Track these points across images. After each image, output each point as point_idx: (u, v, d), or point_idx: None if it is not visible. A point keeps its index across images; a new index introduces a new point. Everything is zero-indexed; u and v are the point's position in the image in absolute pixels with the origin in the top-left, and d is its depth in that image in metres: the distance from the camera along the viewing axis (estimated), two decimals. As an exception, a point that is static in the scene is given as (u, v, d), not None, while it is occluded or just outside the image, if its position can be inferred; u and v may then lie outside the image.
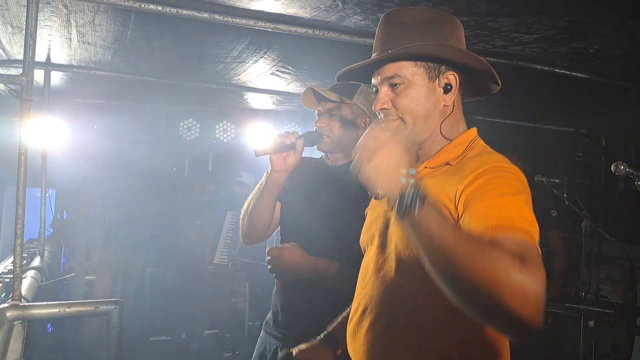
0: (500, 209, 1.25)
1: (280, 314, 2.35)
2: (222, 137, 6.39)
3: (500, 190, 1.29)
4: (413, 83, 1.48)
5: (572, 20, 2.69)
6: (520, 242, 1.17)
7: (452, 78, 1.50)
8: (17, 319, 2.47)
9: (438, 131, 1.52)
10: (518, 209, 1.26)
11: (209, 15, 2.78)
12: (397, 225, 1.49)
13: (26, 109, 2.49)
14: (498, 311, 1.09)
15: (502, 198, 1.28)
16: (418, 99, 1.48)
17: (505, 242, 1.17)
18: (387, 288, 1.50)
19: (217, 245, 5.99)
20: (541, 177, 4.34)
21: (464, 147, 1.50)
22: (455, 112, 1.53)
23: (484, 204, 1.28)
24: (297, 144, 2.17)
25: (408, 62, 1.48)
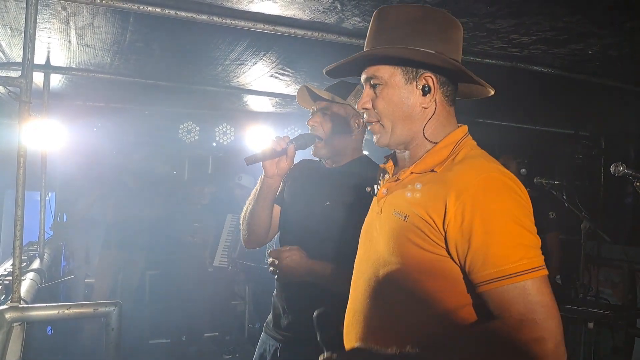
0: (498, 253, 1.29)
1: (280, 315, 2.35)
2: (221, 140, 6.40)
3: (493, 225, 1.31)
4: (390, 85, 1.48)
5: (570, 22, 2.70)
6: (525, 302, 1.27)
7: (430, 80, 1.47)
8: (16, 321, 2.47)
9: (422, 134, 1.50)
10: (515, 242, 1.30)
11: (208, 17, 2.78)
12: (382, 230, 1.52)
13: (25, 111, 2.49)
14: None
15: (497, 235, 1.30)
16: (395, 101, 1.48)
17: (512, 321, 1.27)
18: (370, 293, 1.52)
19: (217, 247, 5.99)
20: (540, 178, 4.34)
21: (449, 150, 1.47)
22: (439, 113, 1.50)
23: (480, 248, 1.31)
24: (288, 149, 2.16)
25: (385, 64, 1.49)
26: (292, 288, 2.32)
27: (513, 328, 1.26)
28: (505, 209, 1.31)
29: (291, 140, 2.19)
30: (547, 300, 1.27)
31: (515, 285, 1.27)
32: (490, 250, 1.29)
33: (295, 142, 2.20)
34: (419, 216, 1.39)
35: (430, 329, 1.39)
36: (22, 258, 2.55)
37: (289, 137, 2.21)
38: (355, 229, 1.76)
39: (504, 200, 1.33)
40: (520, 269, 1.27)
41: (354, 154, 2.35)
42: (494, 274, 1.29)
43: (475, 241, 1.31)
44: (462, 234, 1.32)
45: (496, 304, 1.30)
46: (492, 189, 1.34)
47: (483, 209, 1.31)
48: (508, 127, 5.99)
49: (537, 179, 4.35)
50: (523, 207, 1.34)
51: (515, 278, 1.27)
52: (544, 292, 1.27)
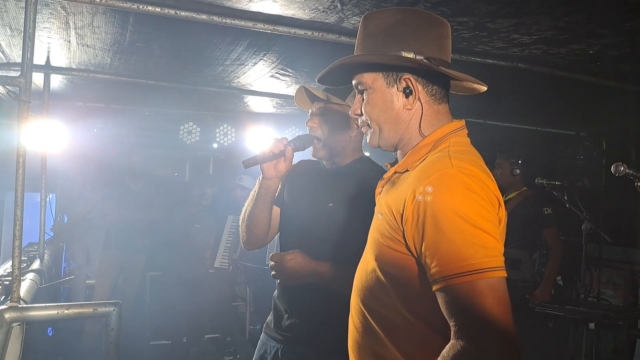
0: (445, 252, 1.26)
1: (281, 316, 2.34)
2: (222, 141, 6.40)
3: (442, 223, 1.27)
4: (374, 89, 1.51)
5: (571, 22, 2.69)
6: (465, 307, 1.23)
7: (409, 81, 1.48)
8: (16, 321, 2.47)
9: (409, 134, 1.51)
10: (464, 242, 1.25)
11: (208, 16, 2.78)
12: (370, 231, 1.54)
13: (25, 111, 2.49)
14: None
15: (445, 233, 1.26)
16: (379, 105, 1.51)
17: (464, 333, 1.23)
18: (357, 293, 1.54)
19: (218, 249, 5.99)
20: (541, 179, 4.34)
21: (428, 149, 1.47)
22: (426, 113, 1.50)
23: (431, 246, 1.28)
24: (286, 150, 2.16)
25: (365, 71, 1.52)
26: (293, 289, 2.31)
27: (455, 346, 1.23)
28: (455, 206, 1.27)
29: (289, 142, 2.18)
30: (493, 305, 1.21)
31: (461, 286, 1.23)
32: (439, 248, 1.26)
33: (294, 144, 2.19)
34: (387, 214, 1.41)
35: (403, 329, 1.40)
36: (21, 258, 2.55)
37: (287, 138, 2.20)
38: (357, 230, 1.75)
39: (455, 197, 1.28)
40: (467, 269, 1.23)
41: (354, 155, 2.35)
42: (441, 272, 1.25)
43: (427, 239, 1.29)
44: (417, 231, 1.31)
45: (443, 304, 1.28)
46: (444, 185, 1.30)
47: (433, 205, 1.28)
48: (509, 127, 6.00)
49: (538, 179, 4.35)
50: (478, 205, 1.28)
51: (462, 278, 1.23)
52: (491, 295, 1.22)
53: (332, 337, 1.93)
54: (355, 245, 1.72)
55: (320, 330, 2.15)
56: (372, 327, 1.46)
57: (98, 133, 5.92)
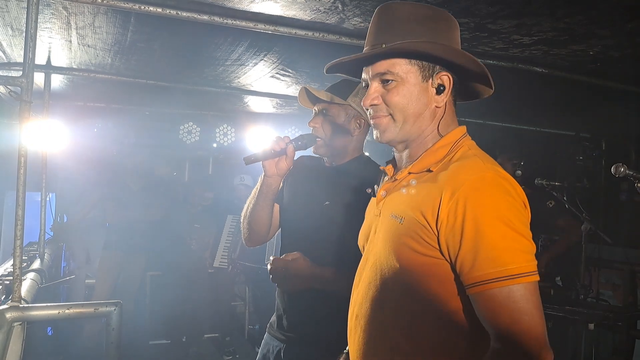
0: (487, 256, 1.27)
1: (283, 316, 2.34)
2: (222, 141, 6.40)
3: (484, 226, 1.27)
4: (406, 81, 1.44)
5: (571, 23, 2.69)
6: (509, 310, 1.24)
7: (446, 79, 1.45)
8: (17, 320, 2.47)
9: (427, 133, 1.49)
10: (506, 245, 1.27)
11: (209, 17, 2.78)
12: (380, 233, 1.51)
13: (26, 111, 2.49)
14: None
15: (487, 237, 1.27)
16: (409, 98, 1.45)
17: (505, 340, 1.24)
18: (370, 297, 1.49)
19: (217, 248, 5.99)
20: (541, 180, 4.34)
21: (446, 150, 1.45)
22: (447, 113, 1.49)
23: (470, 249, 1.28)
24: (287, 149, 2.16)
25: (402, 59, 1.44)
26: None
27: (499, 349, 1.25)
28: (497, 210, 1.28)
29: (291, 141, 2.19)
30: (531, 309, 1.24)
31: (501, 290, 1.24)
32: (479, 252, 1.27)
33: (295, 143, 2.20)
34: (414, 218, 1.37)
35: (428, 334, 1.39)
36: (22, 258, 2.55)
37: (289, 137, 2.21)
38: (354, 229, 1.75)
39: (497, 201, 1.30)
40: (507, 274, 1.24)
41: (354, 154, 2.35)
42: (481, 276, 1.26)
43: (465, 242, 1.28)
44: (453, 234, 1.30)
45: (482, 308, 1.28)
46: (485, 189, 1.31)
47: (475, 209, 1.28)
48: (509, 128, 6.00)
49: (537, 180, 4.35)
50: (517, 210, 1.31)
51: (502, 282, 1.24)
52: (529, 299, 1.24)
53: (333, 336, 1.93)
54: (352, 245, 1.73)
55: (322, 330, 2.15)
56: (390, 332, 1.44)
57: (98, 133, 5.91)
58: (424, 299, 1.38)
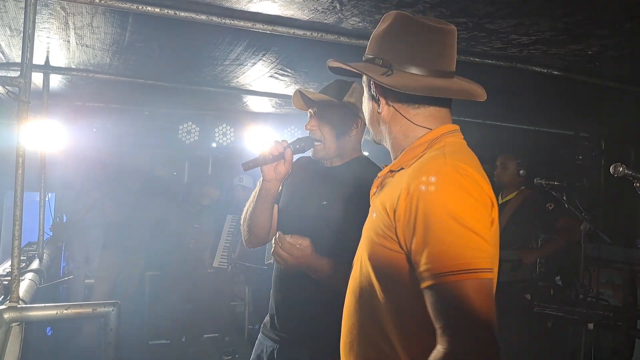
0: (433, 251, 1.26)
1: (276, 317, 2.34)
2: (221, 141, 6.39)
3: (433, 221, 1.28)
4: (363, 91, 1.66)
5: (570, 22, 2.69)
6: (448, 307, 1.24)
7: (373, 87, 1.57)
8: (15, 321, 2.47)
9: (386, 135, 1.59)
10: (452, 242, 1.26)
11: (207, 17, 2.78)
12: (363, 232, 1.55)
13: (24, 111, 2.49)
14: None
15: (435, 232, 1.27)
16: (363, 106, 1.67)
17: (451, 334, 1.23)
18: (352, 293, 1.55)
19: (217, 248, 5.99)
20: (540, 179, 4.34)
21: (423, 148, 1.48)
22: (402, 116, 1.54)
23: (420, 244, 1.29)
24: (285, 153, 2.16)
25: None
26: (288, 289, 2.31)
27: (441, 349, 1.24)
28: (447, 206, 1.27)
29: (289, 145, 2.19)
30: (475, 305, 1.22)
31: (445, 285, 1.23)
32: (427, 246, 1.27)
33: (294, 146, 2.20)
34: (381, 213, 1.41)
35: (390, 324, 1.41)
36: (20, 258, 2.55)
37: (287, 141, 2.21)
38: (350, 229, 1.75)
39: (449, 196, 1.29)
40: (452, 269, 1.23)
41: (352, 154, 2.35)
42: (428, 270, 1.26)
43: (417, 236, 1.29)
44: (408, 228, 1.32)
45: (428, 303, 1.28)
46: (437, 184, 1.30)
47: (426, 204, 1.29)
48: (508, 128, 6.00)
49: (537, 179, 4.35)
50: (471, 207, 1.29)
51: (446, 277, 1.23)
52: (474, 296, 1.22)
53: (327, 337, 1.92)
54: (348, 244, 1.72)
55: (316, 331, 2.15)
56: (364, 326, 1.48)
57: (97, 133, 5.91)
58: (388, 291, 1.41)
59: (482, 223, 1.29)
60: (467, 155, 1.43)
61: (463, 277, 1.23)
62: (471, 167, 1.35)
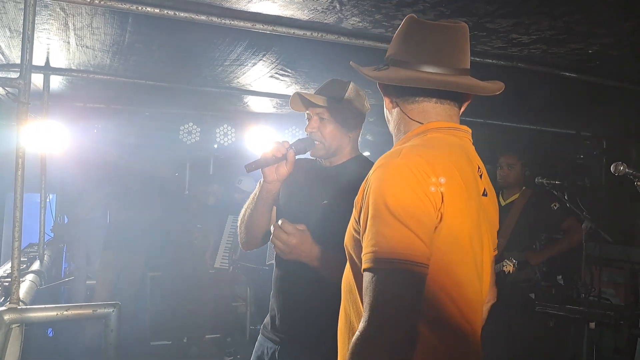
0: (367, 238, 1.31)
1: (277, 317, 2.34)
2: (222, 141, 6.38)
3: (372, 210, 1.32)
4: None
5: (570, 21, 2.69)
6: (367, 293, 1.27)
7: (378, 85, 1.61)
8: (15, 322, 2.47)
9: (394, 132, 1.63)
10: (381, 231, 1.29)
11: (207, 17, 2.78)
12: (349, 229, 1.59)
13: (24, 112, 2.49)
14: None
15: (372, 220, 1.31)
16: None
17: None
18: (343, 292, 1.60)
19: (218, 249, 5.99)
20: (542, 178, 4.33)
21: (406, 141, 1.53)
22: (402, 113, 1.58)
23: (364, 230, 1.35)
24: (288, 154, 2.17)
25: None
26: (289, 289, 2.31)
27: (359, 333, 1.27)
28: (384, 196, 1.30)
29: (290, 146, 2.20)
30: (394, 295, 1.24)
31: (369, 272, 1.28)
32: (367, 234, 1.31)
33: (295, 147, 2.21)
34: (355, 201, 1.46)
35: (348, 308, 1.51)
36: (21, 260, 2.55)
37: (288, 142, 2.22)
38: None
39: (388, 187, 1.31)
40: (376, 256, 1.26)
41: (351, 154, 2.36)
42: (363, 256, 1.31)
43: (362, 223, 1.36)
44: (363, 216, 1.36)
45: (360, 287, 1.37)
46: (383, 175, 1.34)
47: (371, 193, 1.33)
48: (509, 127, 5.99)
49: (538, 179, 4.33)
50: (407, 199, 1.29)
51: (370, 264, 1.27)
52: (394, 286, 1.25)
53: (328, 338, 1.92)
54: None
55: (317, 332, 2.14)
56: (347, 315, 1.53)
57: (98, 134, 5.90)
58: (353, 274, 1.49)
59: (414, 216, 1.28)
60: (438, 151, 1.41)
61: (385, 267, 1.26)
62: (431, 160, 1.35)
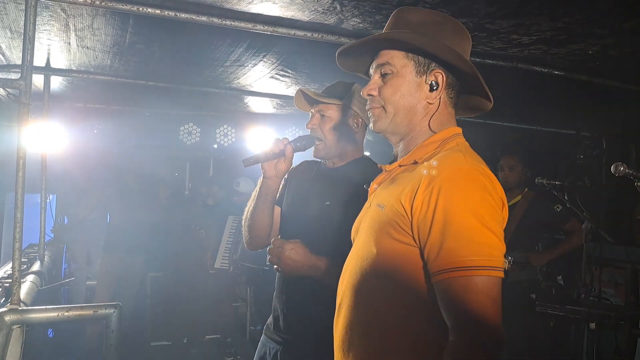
0: (452, 246, 1.29)
1: (280, 318, 2.34)
2: (222, 142, 6.39)
3: (453, 216, 1.30)
4: (401, 75, 1.51)
5: (570, 22, 2.69)
6: (465, 300, 1.27)
7: (440, 77, 1.50)
8: (16, 323, 2.47)
9: (418, 128, 1.53)
10: (471, 237, 1.29)
11: (208, 18, 2.78)
12: (365, 223, 1.55)
13: (25, 113, 2.49)
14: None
15: (454, 227, 1.30)
16: (402, 91, 1.51)
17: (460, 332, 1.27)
18: (353, 285, 1.53)
19: (218, 249, 5.99)
20: (542, 179, 4.33)
21: (436, 146, 1.50)
22: (441, 112, 1.53)
23: (438, 238, 1.31)
24: (286, 150, 2.17)
25: (400, 53, 1.51)
26: (291, 290, 2.32)
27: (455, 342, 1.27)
28: (468, 202, 1.31)
29: (290, 142, 2.20)
30: (487, 302, 1.26)
31: (459, 280, 1.27)
32: (445, 241, 1.30)
33: (294, 144, 2.21)
34: (394, 205, 1.41)
35: (397, 319, 1.41)
36: (21, 260, 2.55)
37: (287, 138, 2.22)
38: None
39: (470, 194, 1.32)
40: (467, 265, 1.26)
41: (354, 154, 2.36)
42: (443, 265, 1.29)
43: (434, 230, 1.32)
44: (425, 221, 1.33)
45: (441, 297, 1.31)
46: (460, 180, 1.33)
47: (446, 199, 1.31)
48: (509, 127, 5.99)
49: (538, 179, 4.33)
50: (490, 206, 1.33)
51: (461, 272, 1.27)
52: (487, 293, 1.26)
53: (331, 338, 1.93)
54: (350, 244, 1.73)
55: (320, 332, 2.14)
56: (364, 318, 1.48)
57: (98, 134, 5.91)
58: (395, 284, 1.41)
59: (498, 223, 1.33)
60: (479, 157, 1.46)
61: (477, 274, 1.26)
62: (487, 167, 1.39)
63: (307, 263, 2.16)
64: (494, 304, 1.26)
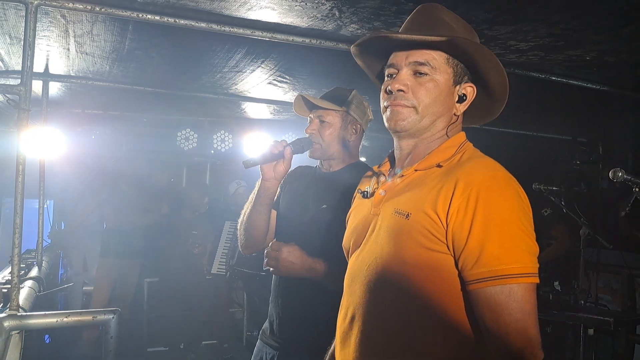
0: (493, 253, 1.28)
1: (276, 323, 2.35)
2: (219, 147, 6.39)
3: (493, 223, 1.29)
4: (439, 79, 1.45)
5: (567, 28, 2.70)
6: (509, 308, 1.26)
7: (470, 90, 1.49)
8: (15, 329, 2.46)
9: (437, 135, 1.51)
10: (513, 245, 1.29)
11: (207, 24, 2.78)
12: (381, 231, 1.48)
13: (24, 119, 2.49)
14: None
15: (495, 234, 1.29)
16: (437, 96, 1.46)
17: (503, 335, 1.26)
18: (374, 296, 1.46)
19: (215, 255, 5.98)
20: (539, 184, 4.34)
21: (454, 150, 1.48)
22: (459, 122, 1.54)
23: (476, 245, 1.29)
24: (285, 152, 2.18)
25: (442, 56, 1.45)
26: (288, 294, 2.32)
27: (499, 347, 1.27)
28: (508, 209, 1.30)
29: (288, 144, 2.21)
30: (529, 309, 1.26)
31: (502, 289, 1.26)
32: (485, 248, 1.28)
33: (293, 146, 2.22)
34: (423, 212, 1.37)
35: (428, 330, 1.37)
36: (20, 266, 2.55)
37: (286, 141, 2.23)
38: None
39: (508, 200, 1.31)
40: (511, 272, 1.26)
41: (350, 159, 2.39)
42: (484, 273, 1.28)
43: (472, 237, 1.29)
44: (461, 227, 1.31)
45: (481, 306, 1.29)
46: (497, 187, 1.33)
47: (486, 205, 1.29)
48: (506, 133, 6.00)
49: (535, 185, 4.35)
50: (525, 212, 1.33)
51: (504, 280, 1.26)
52: (528, 300, 1.26)
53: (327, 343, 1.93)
54: None
55: (316, 337, 2.14)
56: (391, 328, 1.42)
57: (96, 140, 5.91)
58: (427, 293, 1.38)
59: (532, 227, 1.33)
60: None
61: (519, 281, 1.26)
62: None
63: (305, 265, 2.18)
64: (534, 311, 1.27)
